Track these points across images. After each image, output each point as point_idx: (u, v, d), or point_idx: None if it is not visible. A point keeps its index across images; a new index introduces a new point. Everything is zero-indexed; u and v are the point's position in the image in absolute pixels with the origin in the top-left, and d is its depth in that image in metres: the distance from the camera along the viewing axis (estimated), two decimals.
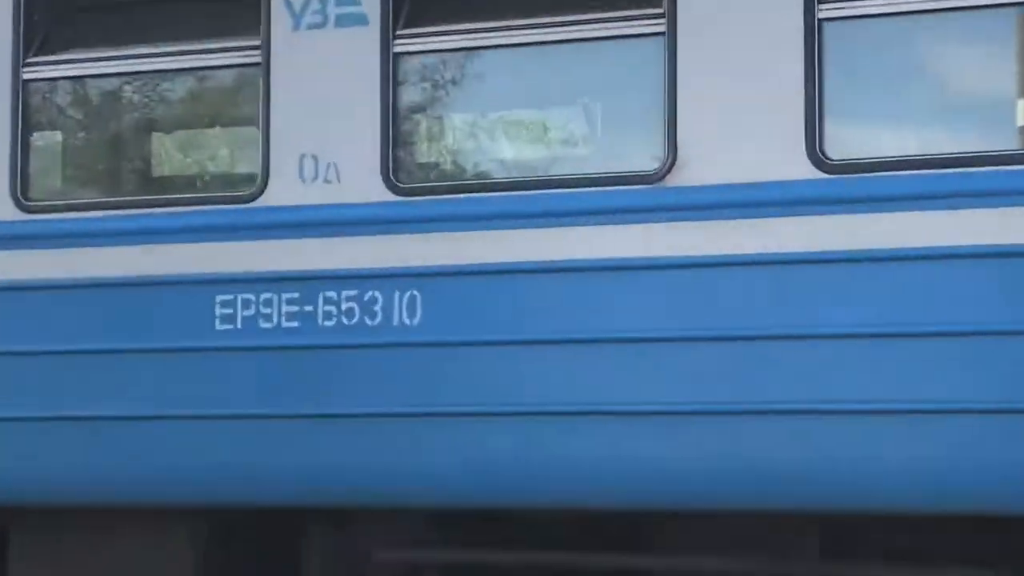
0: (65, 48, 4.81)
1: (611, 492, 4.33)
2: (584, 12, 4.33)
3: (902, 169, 4.04)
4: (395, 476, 4.45)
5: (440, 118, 4.76)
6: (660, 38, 4.21)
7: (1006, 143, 4.11)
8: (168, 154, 5.11)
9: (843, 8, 4.10)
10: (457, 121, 4.78)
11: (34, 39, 4.77)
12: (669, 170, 4.25)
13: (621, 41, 4.35)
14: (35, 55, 4.77)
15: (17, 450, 4.68)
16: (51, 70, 4.80)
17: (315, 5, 4.48)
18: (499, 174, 4.72)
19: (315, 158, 4.48)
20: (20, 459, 4.67)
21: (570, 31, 4.35)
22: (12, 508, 4.76)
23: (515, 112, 4.78)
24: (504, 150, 4.79)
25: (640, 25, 4.28)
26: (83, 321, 4.63)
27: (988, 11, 4.09)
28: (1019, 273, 3.91)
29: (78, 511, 4.70)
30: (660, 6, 4.21)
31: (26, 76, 4.76)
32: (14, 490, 4.68)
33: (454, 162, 4.81)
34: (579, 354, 4.32)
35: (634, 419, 4.28)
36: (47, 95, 4.91)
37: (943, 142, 4.19)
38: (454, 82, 4.62)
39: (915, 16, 4.09)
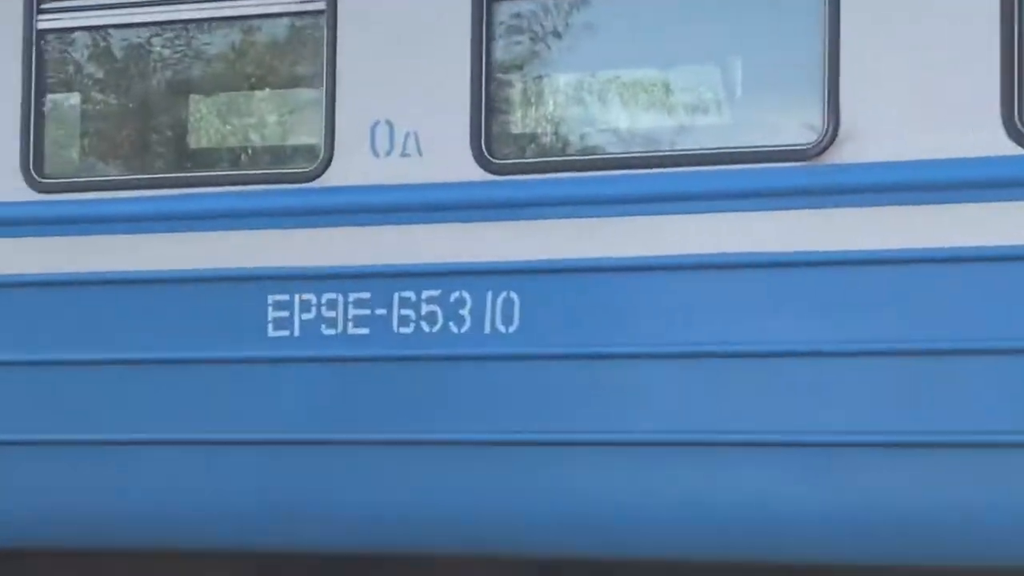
0: None
1: (743, 543, 3.47)
2: None
3: None
4: (483, 517, 3.61)
5: (542, 79, 3.88)
6: None
7: None
8: (208, 122, 4.24)
9: None
10: (562, 82, 3.90)
11: None
12: (828, 145, 3.38)
13: None
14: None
15: (18, 484, 3.85)
16: (71, 18, 3.94)
17: None
18: (614, 148, 3.85)
19: (391, 126, 3.63)
20: (23, 494, 3.85)
21: None
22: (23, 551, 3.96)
23: (633, 71, 3.88)
24: (619, 118, 3.91)
25: None
26: (104, 325, 3.79)
27: None
28: None
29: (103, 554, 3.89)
30: None
31: (41, 25, 3.90)
32: (22, 529, 3.86)
33: (558, 133, 3.93)
34: (719, 371, 3.46)
35: (781, 452, 3.42)
36: (66, 48, 4.05)
37: None
38: (558, 34, 3.75)
39: None
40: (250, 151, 4.28)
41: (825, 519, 3.38)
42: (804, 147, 3.43)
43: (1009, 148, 3.28)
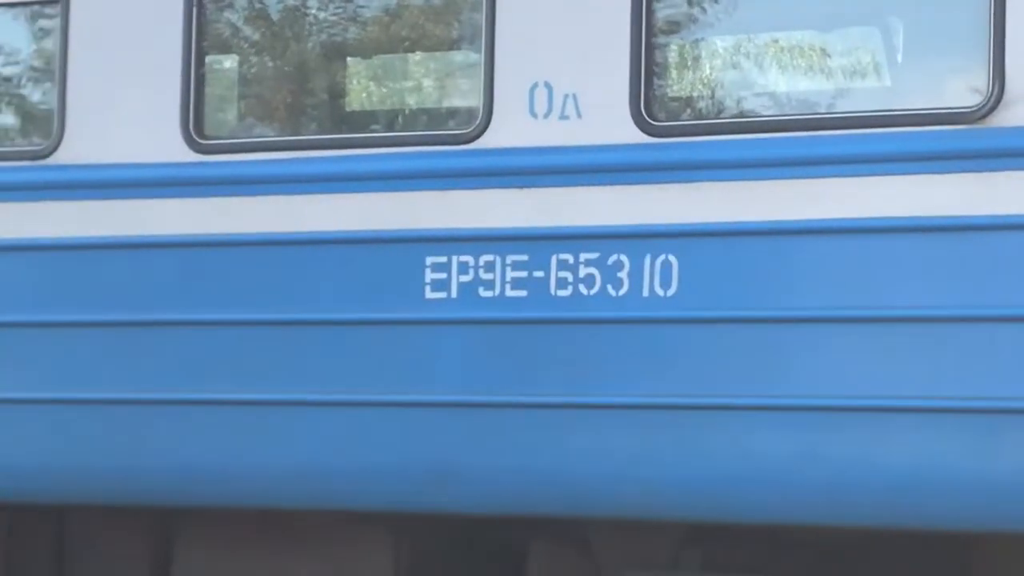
0: None
1: (905, 510, 3.43)
2: None
3: None
4: (637, 481, 3.59)
5: (701, 42, 3.83)
6: None
7: None
8: (365, 85, 4.23)
9: None
10: (721, 46, 3.85)
11: None
12: (993, 108, 3.30)
13: None
14: None
15: (168, 440, 3.88)
16: None
17: None
18: (772, 111, 3.79)
19: (550, 88, 3.60)
20: (180, 450, 3.88)
21: None
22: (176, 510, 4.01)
23: (792, 34, 3.82)
24: (778, 82, 3.85)
25: None
26: (265, 286, 3.81)
27: None
28: None
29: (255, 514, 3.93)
30: None
31: None
32: (178, 488, 3.90)
33: (716, 97, 3.88)
34: (882, 336, 3.42)
35: (949, 417, 3.37)
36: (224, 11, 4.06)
37: None
38: None
39: None
40: (409, 113, 4.27)
41: (992, 486, 3.33)
42: (968, 110, 3.36)
43: None
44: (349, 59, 4.20)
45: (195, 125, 3.86)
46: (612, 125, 3.54)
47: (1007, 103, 3.32)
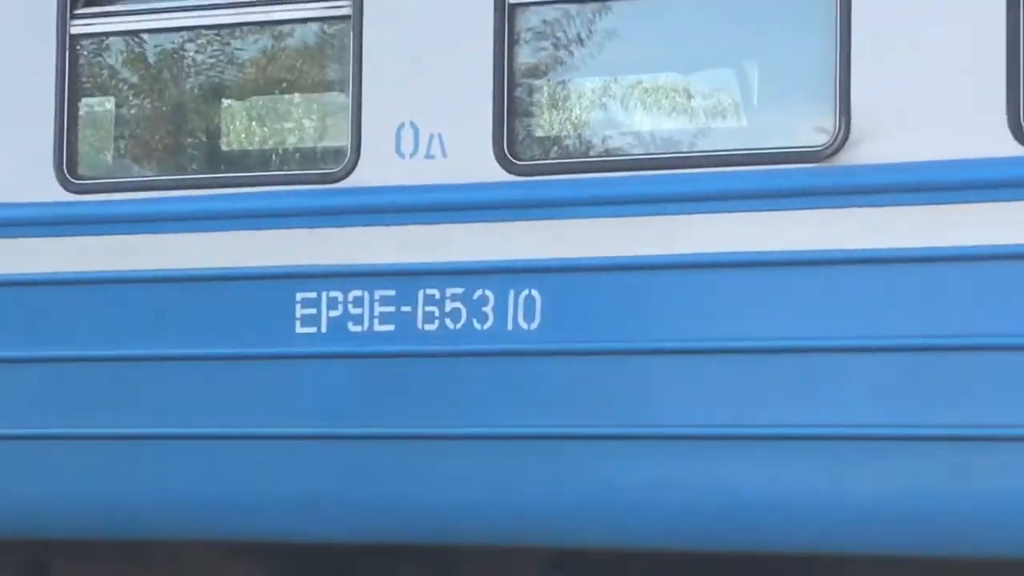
0: None
1: (764, 534, 3.50)
2: None
3: None
4: (502, 509, 3.63)
5: (564, 83, 3.92)
6: None
7: None
8: (239, 125, 4.28)
9: None
10: (585, 86, 3.94)
11: None
12: (840, 147, 3.42)
13: None
14: (85, 5, 3.96)
15: (45, 473, 3.88)
16: (104, 23, 3.97)
17: None
18: (634, 150, 3.88)
19: (416, 128, 3.67)
20: (51, 484, 3.88)
21: None
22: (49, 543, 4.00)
23: (654, 76, 3.92)
24: (640, 122, 3.95)
25: None
26: (134, 321, 3.82)
27: None
28: None
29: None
30: None
31: (74, 30, 3.94)
32: (52, 520, 3.89)
33: (580, 135, 3.97)
34: (738, 366, 3.50)
35: (801, 445, 3.46)
36: (99, 53, 4.09)
37: None
38: (581, 39, 3.78)
39: None
40: (282, 153, 4.32)
41: (838, 509, 3.41)
42: (817, 149, 3.47)
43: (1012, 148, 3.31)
44: (224, 101, 4.25)
45: (68, 165, 3.88)
46: (476, 164, 3.61)
47: (852, 143, 3.43)
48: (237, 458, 3.72)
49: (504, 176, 3.61)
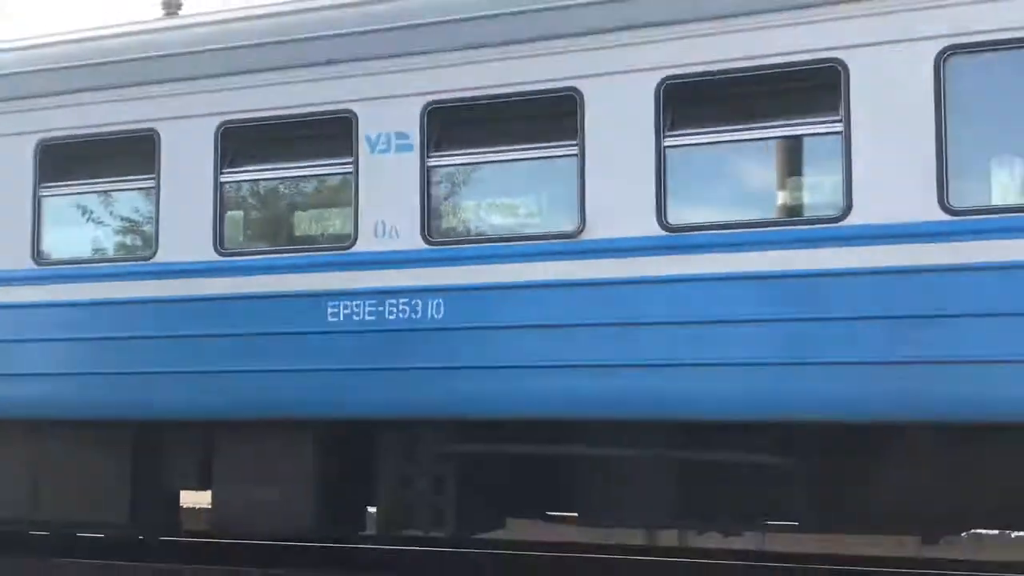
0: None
1: None
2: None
3: None
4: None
5: (461, 200, 8.01)
6: None
7: None
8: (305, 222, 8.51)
9: None
10: (465, 201, 8.03)
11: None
12: (581, 231, 7.44)
13: None
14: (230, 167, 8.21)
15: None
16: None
17: (383, 138, 7.78)
18: (489, 231, 7.98)
19: (383, 223, 7.76)
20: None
21: None
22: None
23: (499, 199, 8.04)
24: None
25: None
26: None
27: None
28: None
29: None
30: None
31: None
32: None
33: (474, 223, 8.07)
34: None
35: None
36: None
37: None
38: (465, 182, 7.89)
39: None
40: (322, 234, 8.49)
41: None
42: (572, 231, 7.49)
43: None
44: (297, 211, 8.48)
45: None
46: (414, 240, 7.69)
47: (588, 228, 7.41)
48: None
49: (425, 245, 7.65)
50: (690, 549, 9.70)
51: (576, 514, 8.06)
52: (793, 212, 7.50)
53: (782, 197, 7.52)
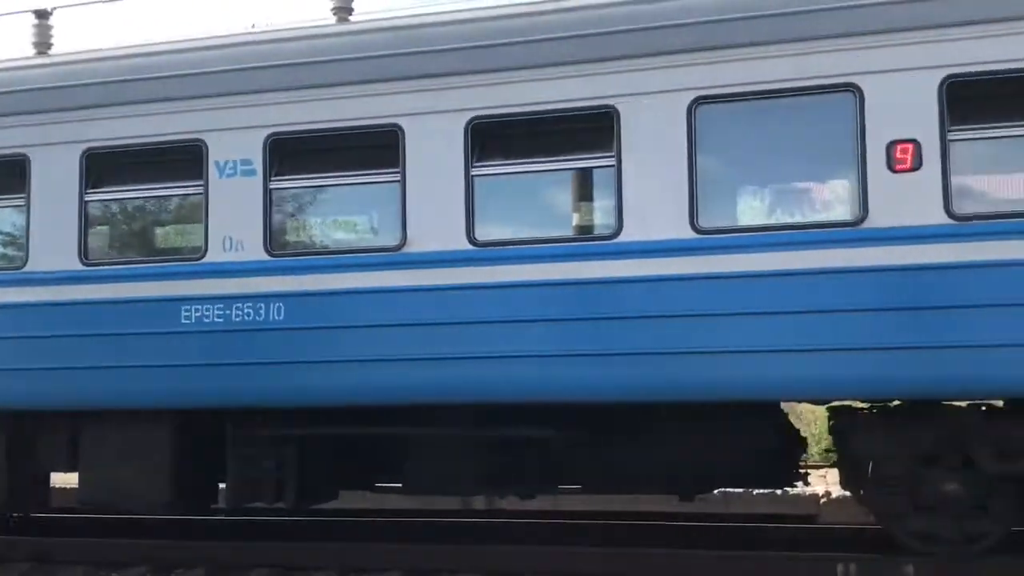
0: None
1: None
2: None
3: None
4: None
5: (299, 218, 9.14)
6: None
7: None
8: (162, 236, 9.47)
9: None
10: (302, 219, 9.17)
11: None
12: (401, 246, 8.67)
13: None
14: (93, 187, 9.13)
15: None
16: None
17: (231, 165, 8.84)
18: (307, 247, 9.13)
19: (232, 239, 8.82)
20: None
21: None
22: None
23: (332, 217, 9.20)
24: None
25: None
26: None
27: None
28: None
29: None
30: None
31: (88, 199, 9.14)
32: None
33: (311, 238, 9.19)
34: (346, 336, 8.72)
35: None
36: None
37: None
38: (302, 203, 9.02)
39: None
40: (182, 246, 9.46)
41: None
42: (394, 244, 8.71)
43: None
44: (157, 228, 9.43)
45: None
46: (257, 253, 8.77)
47: (408, 243, 8.63)
48: None
49: (268, 258, 8.75)
50: (497, 510, 11.06)
51: (400, 485, 9.29)
52: (582, 231, 8.86)
53: (570, 218, 8.91)
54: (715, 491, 10.22)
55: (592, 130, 8.42)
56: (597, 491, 9.31)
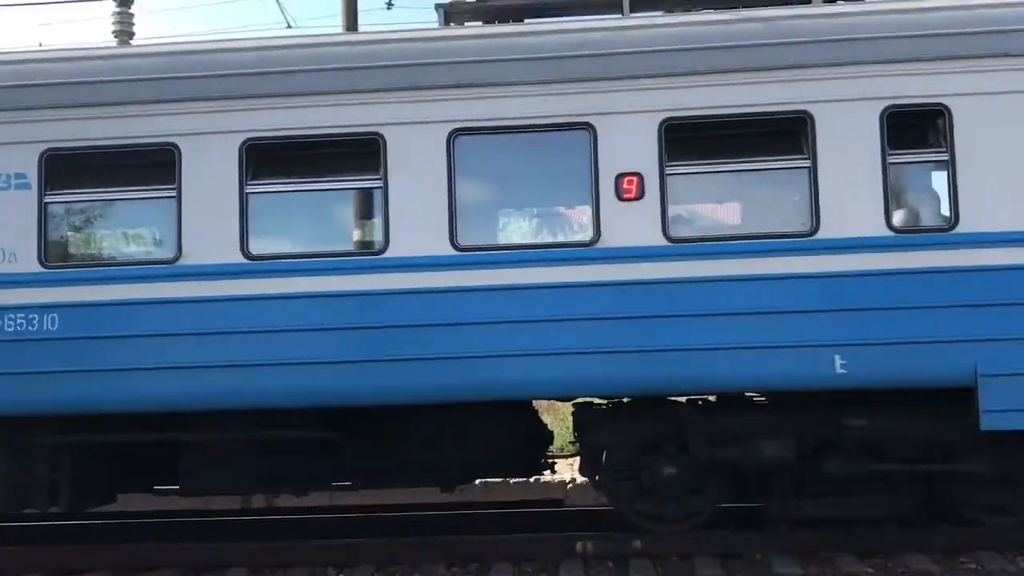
0: None
1: None
2: None
3: None
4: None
5: (74, 231, 9.22)
6: None
7: None
8: None
9: None
10: (78, 231, 9.27)
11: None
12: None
13: None
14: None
15: None
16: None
17: (4, 178, 8.84)
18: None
19: (4, 250, 8.83)
20: None
21: None
22: None
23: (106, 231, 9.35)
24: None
25: None
26: None
27: None
28: None
29: None
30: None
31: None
32: None
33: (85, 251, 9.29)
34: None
35: None
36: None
37: None
38: (77, 216, 9.13)
39: None
40: None
41: None
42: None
43: None
44: None
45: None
46: (30, 264, 8.81)
47: (184, 256, 8.91)
48: None
49: (42, 270, 8.82)
50: (278, 508, 11.46)
51: (178, 487, 9.55)
52: (354, 246, 9.39)
53: (342, 234, 9.45)
54: (476, 481, 11.03)
55: (361, 154, 9.00)
56: (368, 487, 9.88)
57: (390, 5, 16.26)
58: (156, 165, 8.98)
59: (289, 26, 15.26)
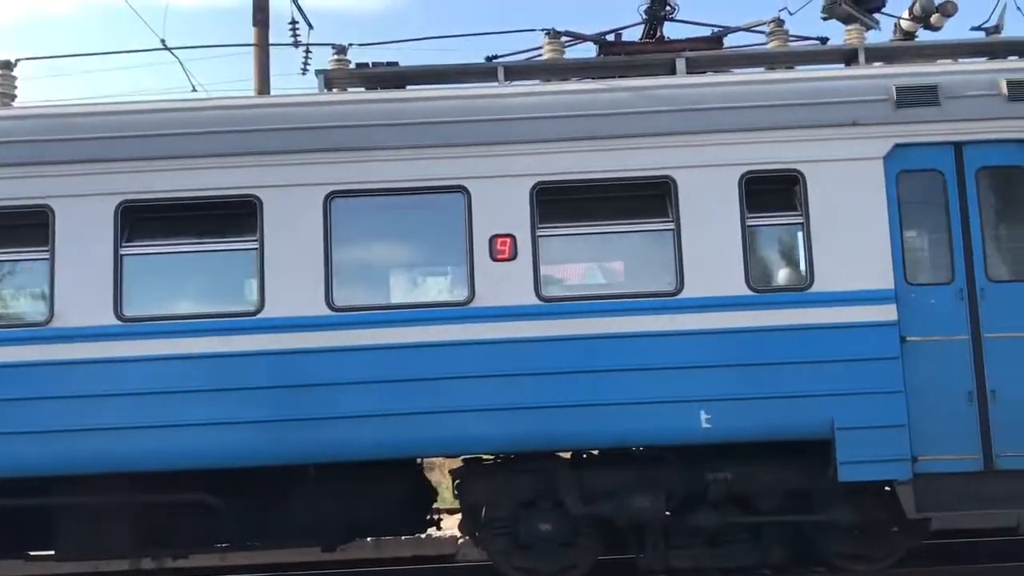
0: None
1: None
2: None
3: None
4: None
5: None
6: None
7: None
8: None
9: None
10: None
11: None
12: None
13: None
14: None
15: None
16: None
17: None
18: None
19: None
20: None
21: None
22: None
23: None
24: None
25: None
26: None
27: None
28: None
29: None
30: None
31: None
32: None
33: None
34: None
35: None
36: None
37: None
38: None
39: None
40: None
41: None
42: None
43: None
44: None
45: None
46: None
47: (56, 318, 8.49)
48: None
49: None
50: (169, 568, 10.90)
51: (53, 552, 9.00)
52: (241, 307, 8.99)
53: (216, 296, 9.09)
54: (368, 539, 10.63)
55: (236, 216, 8.71)
56: (249, 548, 9.44)
57: (305, 71, 16.02)
58: (30, 227, 8.62)
59: (194, 89, 14.77)
